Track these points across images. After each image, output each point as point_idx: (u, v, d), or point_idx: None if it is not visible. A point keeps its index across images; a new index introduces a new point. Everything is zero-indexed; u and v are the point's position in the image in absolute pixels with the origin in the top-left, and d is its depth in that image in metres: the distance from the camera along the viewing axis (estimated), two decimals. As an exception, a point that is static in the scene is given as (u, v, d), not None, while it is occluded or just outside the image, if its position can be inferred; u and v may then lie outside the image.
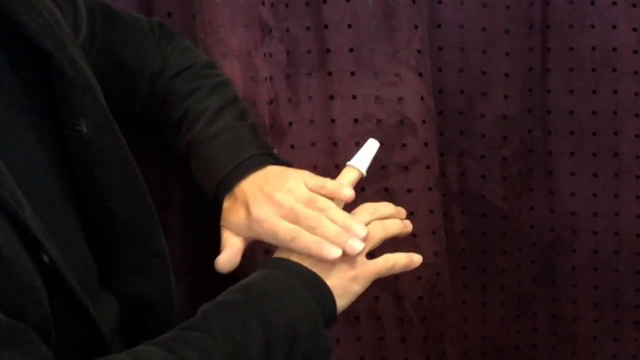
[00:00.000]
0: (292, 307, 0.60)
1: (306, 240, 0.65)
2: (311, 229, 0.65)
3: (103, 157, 0.61)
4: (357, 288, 0.66)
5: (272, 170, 0.71)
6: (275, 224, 0.66)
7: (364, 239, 0.66)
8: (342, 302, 0.65)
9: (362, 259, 0.67)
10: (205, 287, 0.96)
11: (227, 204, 0.71)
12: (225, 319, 0.57)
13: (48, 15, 0.58)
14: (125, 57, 0.76)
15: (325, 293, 0.63)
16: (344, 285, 0.65)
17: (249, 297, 0.60)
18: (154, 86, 0.78)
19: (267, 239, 0.68)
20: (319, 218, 0.66)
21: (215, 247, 0.95)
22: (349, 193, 0.69)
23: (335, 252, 0.64)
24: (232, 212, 0.70)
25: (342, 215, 0.67)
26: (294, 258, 0.66)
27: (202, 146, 0.73)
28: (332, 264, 0.65)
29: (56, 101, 0.58)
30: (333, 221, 0.66)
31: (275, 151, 0.77)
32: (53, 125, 0.59)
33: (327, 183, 0.70)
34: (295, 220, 0.66)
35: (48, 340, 0.49)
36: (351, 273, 0.66)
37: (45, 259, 0.50)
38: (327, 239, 0.65)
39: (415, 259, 0.71)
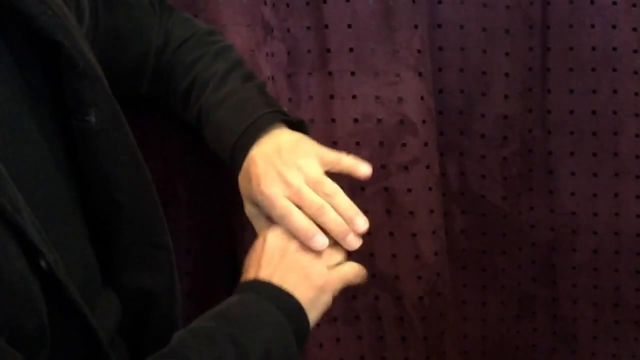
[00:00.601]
0: (265, 331, 0.59)
1: (298, 223, 0.65)
2: (314, 217, 0.66)
3: (111, 148, 0.61)
4: (326, 297, 0.66)
5: (285, 139, 0.71)
6: (276, 200, 0.66)
7: (364, 232, 0.66)
8: (313, 314, 0.65)
9: (326, 269, 0.67)
10: (208, 284, 0.96)
11: (243, 167, 0.71)
12: (201, 346, 0.56)
13: (56, 7, 0.58)
14: (129, 41, 0.76)
15: (297, 312, 0.63)
16: (313, 297, 0.65)
17: (223, 322, 0.59)
18: (159, 62, 0.78)
19: (266, 211, 0.68)
20: (324, 208, 0.66)
21: (218, 246, 0.95)
22: (366, 170, 0.71)
23: (323, 243, 0.65)
24: (245, 179, 0.70)
25: (347, 203, 0.67)
26: (263, 275, 0.65)
27: (212, 112, 0.73)
28: (296, 275, 0.64)
29: (64, 92, 0.58)
30: (337, 207, 0.66)
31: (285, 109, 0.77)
32: (60, 118, 0.59)
33: (344, 158, 0.70)
34: (299, 203, 0.66)
35: (44, 348, 0.49)
36: (319, 283, 0.65)
37: (43, 264, 0.50)
38: (329, 231, 0.66)
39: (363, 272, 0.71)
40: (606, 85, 1.00)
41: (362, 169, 0.71)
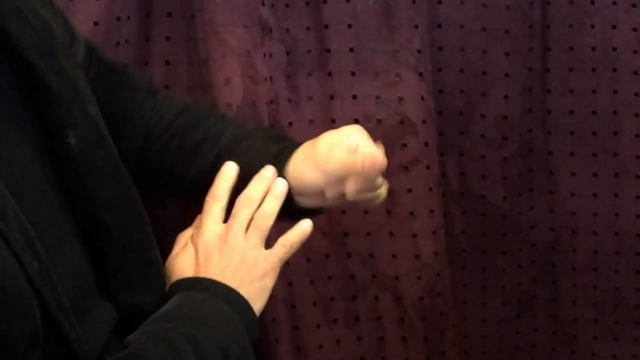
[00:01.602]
0: (220, 329, 0.60)
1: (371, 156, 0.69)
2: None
3: (93, 169, 0.60)
4: (269, 283, 0.67)
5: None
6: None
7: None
8: (259, 304, 0.66)
9: (262, 254, 0.67)
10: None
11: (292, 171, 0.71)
12: (159, 348, 0.56)
13: (38, 24, 0.57)
14: (111, 103, 0.73)
15: (244, 306, 0.64)
16: (257, 287, 0.65)
17: (178, 323, 0.59)
18: (153, 132, 0.75)
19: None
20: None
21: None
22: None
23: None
24: (304, 173, 0.71)
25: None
26: (206, 274, 0.65)
27: (238, 146, 0.72)
28: (237, 270, 0.65)
29: (42, 114, 0.58)
30: None
31: None
32: (45, 137, 0.58)
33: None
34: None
35: (36, 349, 0.49)
36: (259, 272, 0.66)
37: (25, 274, 0.49)
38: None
39: (305, 226, 0.69)
40: (606, 85, 1.00)
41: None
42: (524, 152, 1.04)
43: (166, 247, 0.70)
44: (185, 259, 0.67)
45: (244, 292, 0.64)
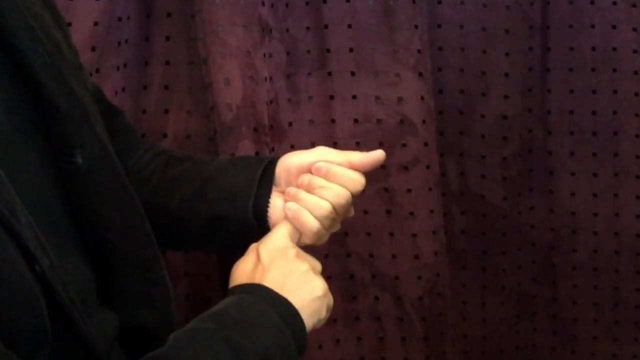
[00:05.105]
0: (264, 335, 0.59)
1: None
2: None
3: (100, 188, 0.60)
4: (323, 310, 0.65)
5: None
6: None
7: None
8: (308, 323, 0.63)
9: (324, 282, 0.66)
10: (205, 285, 0.96)
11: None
12: (197, 349, 0.56)
13: (50, 44, 0.57)
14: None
15: (296, 319, 0.62)
16: (313, 307, 0.63)
17: (221, 325, 0.58)
18: (140, 173, 0.75)
19: None
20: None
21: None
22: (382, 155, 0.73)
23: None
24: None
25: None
26: (259, 280, 0.64)
27: (223, 173, 0.72)
28: (296, 282, 0.64)
29: (50, 133, 0.58)
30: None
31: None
32: (52, 155, 0.58)
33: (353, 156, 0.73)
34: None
35: (44, 347, 0.49)
36: (319, 293, 0.64)
37: (37, 268, 0.50)
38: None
39: None
40: (606, 85, 1.00)
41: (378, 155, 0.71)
42: (524, 152, 1.04)
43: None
44: (245, 266, 0.66)
45: (296, 304, 0.62)
